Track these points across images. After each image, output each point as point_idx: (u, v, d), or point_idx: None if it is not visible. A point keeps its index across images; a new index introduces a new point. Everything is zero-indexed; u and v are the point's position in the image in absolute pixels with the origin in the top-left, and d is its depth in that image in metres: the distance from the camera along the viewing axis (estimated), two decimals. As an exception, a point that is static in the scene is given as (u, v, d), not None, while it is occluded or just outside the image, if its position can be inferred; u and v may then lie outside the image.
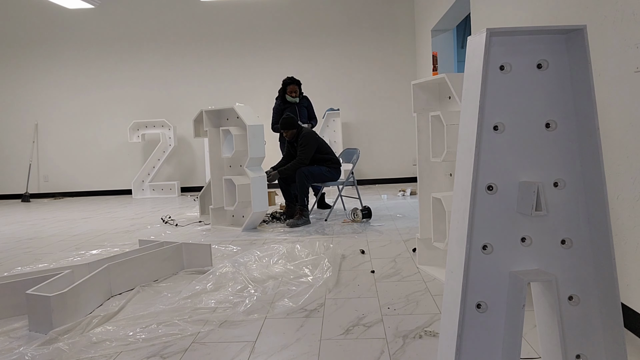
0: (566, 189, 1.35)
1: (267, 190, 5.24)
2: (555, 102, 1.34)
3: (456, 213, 1.42)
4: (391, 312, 2.38)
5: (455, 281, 1.37)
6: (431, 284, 2.79)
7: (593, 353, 1.36)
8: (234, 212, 4.96)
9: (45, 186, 8.78)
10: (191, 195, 7.94)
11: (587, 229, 1.35)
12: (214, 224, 4.91)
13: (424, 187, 3.16)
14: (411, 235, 4.11)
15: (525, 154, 1.35)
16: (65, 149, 8.71)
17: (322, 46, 8.36)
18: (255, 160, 4.65)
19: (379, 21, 8.34)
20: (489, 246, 1.35)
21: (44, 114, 8.70)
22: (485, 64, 1.30)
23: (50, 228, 5.36)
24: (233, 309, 2.49)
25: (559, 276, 1.35)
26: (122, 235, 4.70)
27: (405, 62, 8.35)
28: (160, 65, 8.51)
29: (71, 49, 8.58)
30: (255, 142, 4.62)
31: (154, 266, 3.08)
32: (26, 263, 3.72)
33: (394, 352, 1.97)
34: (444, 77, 2.77)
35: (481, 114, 1.31)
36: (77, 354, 2.07)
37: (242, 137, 4.60)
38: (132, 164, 8.63)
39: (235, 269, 3.12)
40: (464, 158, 1.39)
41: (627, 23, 1.95)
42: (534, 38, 1.33)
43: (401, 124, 8.41)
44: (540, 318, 1.39)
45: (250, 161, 4.60)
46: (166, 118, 8.46)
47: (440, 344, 1.48)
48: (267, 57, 8.38)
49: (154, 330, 2.27)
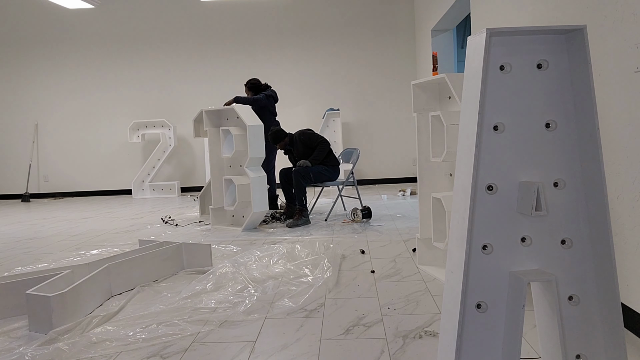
0: (566, 189, 1.35)
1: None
2: (555, 102, 1.34)
3: (456, 213, 1.42)
4: (391, 312, 2.38)
5: (455, 281, 1.37)
6: (431, 284, 2.79)
7: (593, 353, 1.36)
8: (234, 212, 4.96)
9: (45, 186, 8.78)
10: (191, 195, 7.94)
11: (587, 229, 1.35)
12: (214, 224, 4.91)
13: (424, 187, 3.16)
14: (411, 235, 4.11)
15: (525, 154, 1.35)
16: (65, 149, 8.71)
17: (322, 46, 8.36)
18: (255, 160, 4.65)
19: (379, 21, 8.34)
20: (489, 246, 1.35)
21: (44, 114, 8.70)
22: (485, 64, 1.30)
23: (50, 228, 5.36)
24: (233, 309, 2.49)
25: (559, 276, 1.35)
26: (122, 235, 4.70)
27: (405, 62, 8.35)
28: (161, 66, 8.52)
29: (71, 49, 8.59)
30: (255, 142, 4.62)
31: (154, 266, 3.08)
32: (26, 263, 3.72)
33: (394, 352, 1.97)
34: (444, 77, 2.77)
35: (481, 114, 1.31)
36: (77, 354, 2.07)
37: (242, 137, 4.60)
38: (132, 164, 8.63)
39: (235, 269, 3.12)
40: (464, 158, 1.39)
41: (627, 23, 1.95)
42: (534, 38, 1.33)
43: (401, 124, 8.41)
44: (540, 318, 1.39)
45: (250, 161, 4.60)
46: (166, 118, 8.46)
47: (440, 344, 1.48)
48: (267, 57, 8.38)
49: (154, 330, 2.27)
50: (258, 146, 4.66)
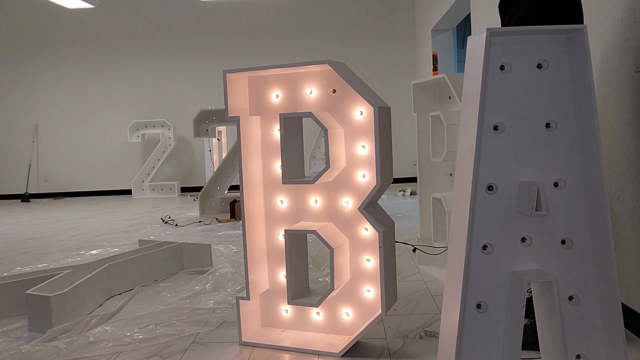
0: (566, 189, 1.35)
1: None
2: (555, 102, 1.34)
3: (456, 213, 1.42)
4: (391, 312, 2.38)
5: (455, 281, 1.37)
6: (431, 284, 2.79)
7: (593, 353, 1.36)
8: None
9: (45, 186, 8.78)
10: (191, 195, 7.93)
11: (587, 229, 1.35)
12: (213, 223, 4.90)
13: (424, 187, 3.16)
14: (411, 235, 4.11)
15: (526, 154, 1.35)
16: (65, 149, 8.71)
17: (322, 46, 8.35)
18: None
19: (379, 21, 8.34)
20: (489, 246, 1.34)
21: (43, 114, 8.70)
22: (485, 64, 1.30)
23: (50, 228, 5.36)
24: (232, 310, 2.49)
25: (559, 276, 1.35)
26: (122, 236, 4.70)
27: (405, 62, 8.35)
28: (160, 65, 8.51)
29: (71, 49, 8.58)
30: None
31: (154, 266, 3.08)
32: (26, 263, 3.71)
33: (394, 352, 1.96)
34: (444, 77, 2.77)
35: (481, 114, 1.31)
36: (74, 353, 2.07)
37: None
38: (132, 164, 8.62)
39: (235, 269, 3.12)
40: (464, 158, 1.38)
41: (627, 23, 1.95)
42: (534, 38, 1.33)
43: (401, 124, 8.41)
44: (540, 318, 1.39)
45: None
46: (166, 118, 8.45)
47: (440, 344, 1.48)
48: (267, 57, 8.37)
49: (152, 331, 2.27)
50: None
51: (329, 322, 2.08)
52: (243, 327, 2.08)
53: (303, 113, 1.96)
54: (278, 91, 2.09)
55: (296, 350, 1.99)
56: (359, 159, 1.98)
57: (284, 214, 2.12)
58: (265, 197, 2.14)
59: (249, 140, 2.08)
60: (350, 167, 2.00)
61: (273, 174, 2.12)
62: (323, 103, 2.02)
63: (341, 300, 2.05)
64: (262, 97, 2.12)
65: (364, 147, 1.97)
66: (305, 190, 2.07)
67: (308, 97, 2.04)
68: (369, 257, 2.00)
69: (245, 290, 2.06)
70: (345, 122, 2.00)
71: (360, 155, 1.98)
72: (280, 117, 1.96)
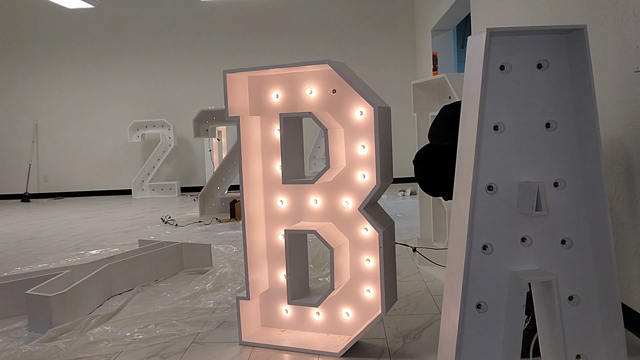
0: (566, 189, 1.35)
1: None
2: (555, 102, 1.34)
3: (456, 213, 1.42)
4: (391, 312, 2.38)
5: (455, 281, 1.37)
6: (431, 284, 2.79)
7: (593, 353, 1.36)
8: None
9: (45, 186, 8.78)
10: (191, 195, 7.93)
11: (587, 229, 1.35)
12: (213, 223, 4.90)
13: (423, 187, 3.15)
14: (411, 235, 4.11)
15: (525, 154, 1.35)
16: (65, 149, 8.71)
17: (322, 46, 8.35)
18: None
19: (379, 21, 8.34)
20: (489, 246, 1.34)
21: (43, 114, 8.70)
22: (485, 64, 1.30)
23: (50, 228, 5.36)
24: (232, 310, 2.49)
25: (559, 276, 1.35)
26: (121, 236, 4.69)
27: (405, 62, 8.35)
28: (160, 65, 8.51)
29: (71, 48, 8.58)
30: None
31: (154, 266, 3.08)
32: (26, 263, 3.71)
33: (394, 352, 1.96)
34: (444, 77, 2.77)
35: (481, 114, 1.31)
36: (74, 353, 2.07)
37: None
38: (132, 164, 8.62)
39: (235, 269, 3.12)
40: (464, 158, 1.38)
41: (627, 23, 1.95)
42: (534, 38, 1.33)
43: (401, 124, 8.40)
44: (540, 318, 1.39)
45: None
46: (166, 118, 8.45)
47: (440, 344, 1.48)
48: (267, 57, 8.37)
49: (152, 331, 2.27)
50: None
51: (329, 322, 2.07)
52: (243, 327, 2.08)
53: (303, 113, 1.96)
54: (278, 91, 2.09)
55: (296, 350, 1.99)
56: (359, 159, 1.98)
57: (284, 214, 2.12)
58: (265, 197, 2.14)
59: (249, 140, 2.08)
60: (350, 167, 2.00)
61: (273, 174, 2.12)
62: (323, 103, 2.02)
63: (341, 300, 2.05)
64: (262, 97, 2.12)
65: (364, 147, 1.97)
66: (305, 190, 2.07)
67: (308, 97, 2.04)
68: (369, 257, 2.00)
69: (245, 290, 2.06)
70: (345, 122, 2.00)
71: (360, 155, 1.98)
72: (280, 117, 1.96)
